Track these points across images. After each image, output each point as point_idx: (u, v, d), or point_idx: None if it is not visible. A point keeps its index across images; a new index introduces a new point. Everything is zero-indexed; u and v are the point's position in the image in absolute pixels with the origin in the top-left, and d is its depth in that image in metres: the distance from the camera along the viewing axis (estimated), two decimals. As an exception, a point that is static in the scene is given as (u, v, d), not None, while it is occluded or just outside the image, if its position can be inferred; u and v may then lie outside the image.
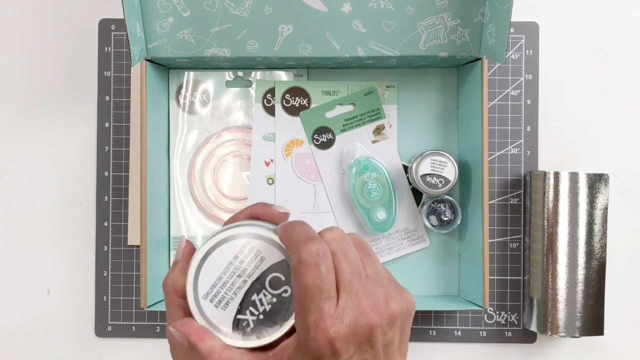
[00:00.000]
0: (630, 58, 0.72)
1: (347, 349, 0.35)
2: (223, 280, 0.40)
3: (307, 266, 0.36)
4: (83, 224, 0.72)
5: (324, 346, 0.35)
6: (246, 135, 0.71)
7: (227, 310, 0.40)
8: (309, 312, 0.35)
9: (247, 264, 0.40)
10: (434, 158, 0.67)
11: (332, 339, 0.35)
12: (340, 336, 0.35)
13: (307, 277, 0.35)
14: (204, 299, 0.40)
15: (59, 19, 0.72)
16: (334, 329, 0.35)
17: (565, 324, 0.66)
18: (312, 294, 0.35)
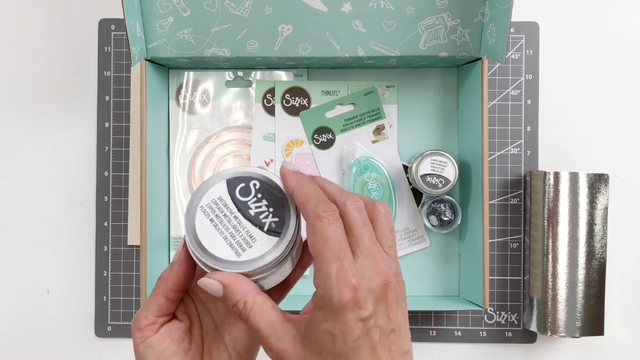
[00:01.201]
0: (630, 58, 0.72)
1: (367, 302, 0.36)
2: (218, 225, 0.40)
3: (326, 221, 0.37)
4: (83, 224, 0.71)
5: (346, 295, 0.35)
6: (246, 135, 0.71)
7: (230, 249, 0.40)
8: (330, 263, 0.36)
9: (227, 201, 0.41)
10: (434, 158, 0.67)
11: (355, 288, 0.35)
12: (362, 287, 0.36)
13: (326, 230, 0.36)
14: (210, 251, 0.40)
15: (59, 19, 0.72)
16: (356, 279, 0.36)
17: (565, 324, 0.66)
18: (333, 246, 0.36)
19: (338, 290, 0.35)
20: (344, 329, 0.36)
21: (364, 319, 0.36)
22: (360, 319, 0.36)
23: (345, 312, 0.36)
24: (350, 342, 0.36)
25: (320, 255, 0.36)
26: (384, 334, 0.37)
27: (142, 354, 0.42)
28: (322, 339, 0.36)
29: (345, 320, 0.36)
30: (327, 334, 0.36)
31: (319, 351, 0.37)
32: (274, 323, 0.38)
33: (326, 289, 0.36)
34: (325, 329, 0.36)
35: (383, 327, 0.37)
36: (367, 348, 0.36)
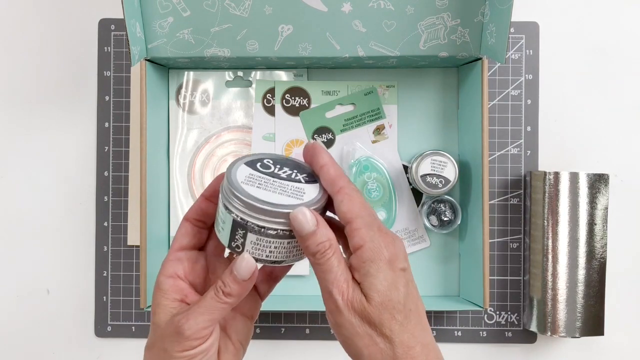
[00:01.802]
0: (630, 58, 0.72)
1: (403, 257, 0.42)
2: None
3: (358, 192, 0.42)
4: (83, 224, 0.71)
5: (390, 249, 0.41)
6: (246, 135, 0.71)
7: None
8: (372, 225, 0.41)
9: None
10: (434, 158, 0.67)
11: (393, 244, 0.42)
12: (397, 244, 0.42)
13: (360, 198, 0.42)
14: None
15: (59, 19, 0.72)
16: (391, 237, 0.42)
17: (565, 324, 0.66)
18: (369, 209, 0.42)
19: (386, 246, 0.41)
20: (396, 279, 0.41)
21: (404, 269, 0.42)
22: (402, 269, 0.41)
23: (394, 263, 0.41)
24: (402, 290, 0.41)
25: (360, 217, 0.41)
26: (416, 288, 0.43)
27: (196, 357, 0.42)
28: (386, 287, 0.41)
29: (395, 270, 0.41)
30: (386, 283, 0.41)
31: (382, 303, 0.41)
32: (347, 272, 0.42)
33: (374, 244, 0.41)
34: (384, 278, 0.41)
35: (414, 282, 0.43)
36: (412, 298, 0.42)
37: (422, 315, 0.42)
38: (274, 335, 0.71)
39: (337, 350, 0.71)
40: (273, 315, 0.71)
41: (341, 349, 0.71)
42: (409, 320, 0.41)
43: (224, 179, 0.43)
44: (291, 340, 0.71)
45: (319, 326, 0.71)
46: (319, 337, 0.71)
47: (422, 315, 0.43)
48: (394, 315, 0.41)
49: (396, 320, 0.41)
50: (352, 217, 0.41)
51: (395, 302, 0.41)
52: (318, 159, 0.43)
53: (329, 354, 0.71)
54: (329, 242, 0.41)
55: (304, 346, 0.71)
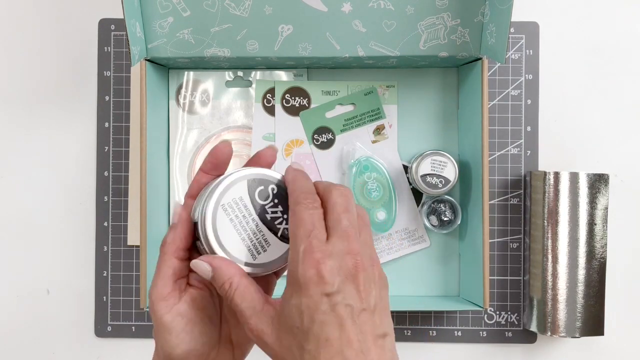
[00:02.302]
0: (630, 58, 0.72)
1: (333, 279, 0.36)
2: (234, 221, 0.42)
3: (304, 205, 0.39)
4: (83, 224, 0.71)
5: (310, 270, 0.36)
6: (246, 135, 0.71)
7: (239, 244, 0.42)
8: (300, 243, 0.37)
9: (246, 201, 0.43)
10: (434, 158, 0.67)
11: (318, 262, 0.36)
12: (327, 263, 0.37)
13: (302, 214, 0.38)
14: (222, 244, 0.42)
15: (59, 19, 0.72)
16: (321, 255, 0.37)
17: (565, 324, 0.66)
18: (305, 227, 0.38)
19: (302, 266, 0.37)
20: (309, 304, 0.36)
21: (329, 294, 0.36)
22: (325, 293, 0.36)
23: (310, 287, 0.36)
24: (317, 317, 0.36)
25: (293, 236, 0.38)
26: (354, 313, 0.37)
27: (169, 324, 0.42)
28: (292, 314, 0.37)
29: (311, 294, 0.36)
30: (295, 309, 0.37)
31: (290, 328, 0.37)
32: (255, 305, 0.39)
33: (292, 265, 0.37)
34: (293, 304, 0.37)
35: (353, 306, 0.37)
36: (335, 324, 0.36)
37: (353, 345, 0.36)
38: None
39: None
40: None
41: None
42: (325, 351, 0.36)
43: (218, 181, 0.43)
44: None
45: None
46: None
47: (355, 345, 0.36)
48: (303, 344, 0.37)
49: (306, 350, 0.36)
50: (290, 235, 0.39)
51: (302, 330, 0.36)
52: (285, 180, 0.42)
53: (329, 354, 0.71)
54: (228, 283, 0.40)
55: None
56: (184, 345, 0.42)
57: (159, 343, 0.43)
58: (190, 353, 0.43)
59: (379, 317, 0.38)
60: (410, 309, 0.65)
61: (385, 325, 0.38)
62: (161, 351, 0.43)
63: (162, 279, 0.43)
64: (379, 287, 0.39)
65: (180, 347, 0.42)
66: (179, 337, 0.42)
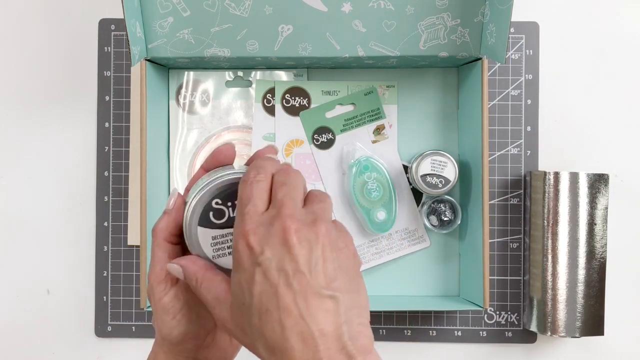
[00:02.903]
0: (630, 58, 0.72)
1: (260, 247, 0.36)
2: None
3: (246, 183, 0.39)
4: (83, 224, 0.71)
5: (241, 243, 0.37)
6: (246, 135, 0.71)
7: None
8: (237, 219, 0.38)
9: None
10: (434, 158, 0.67)
11: (246, 234, 0.36)
12: (255, 232, 0.37)
13: (242, 191, 0.39)
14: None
15: (59, 19, 0.72)
16: (250, 227, 0.37)
17: (565, 324, 0.66)
18: (243, 204, 0.38)
19: (235, 240, 0.37)
20: (246, 277, 0.36)
21: (259, 262, 0.36)
22: (256, 263, 0.36)
23: (243, 259, 0.36)
24: (254, 288, 0.36)
25: (237, 213, 0.39)
26: (288, 278, 0.35)
27: (167, 305, 0.43)
28: (236, 293, 0.37)
29: (245, 268, 0.36)
30: (237, 286, 0.37)
31: (239, 307, 0.37)
32: (218, 294, 0.40)
33: (234, 242, 0.38)
34: (235, 281, 0.37)
35: (286, 271, 0.35)
36: (270, 293, 0.35)
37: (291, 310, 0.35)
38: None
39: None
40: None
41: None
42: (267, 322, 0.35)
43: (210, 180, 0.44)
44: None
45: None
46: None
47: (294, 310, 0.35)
48: (250, 320, 0.36)
49: (253, 326, 0.36)
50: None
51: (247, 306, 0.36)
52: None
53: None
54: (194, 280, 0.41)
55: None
56: (181, 327, 0.43)
57: (157, 326, 0.44)
58: (187, 335, 0.44)
59: (323, 277, 0.35)
60: (410, 309, 0.65)
61: (335, 286, 0.36)
62: (159, 335, 0.44)
63: (159, 262, 0.44)
64: (322, 246, 0.36)
65: (178, 329, 0.43)
66: (175, 319, 0.43)
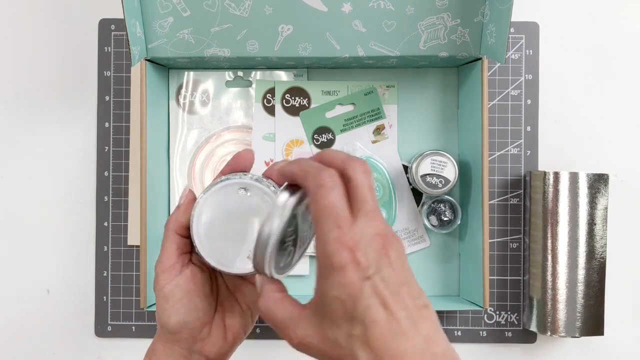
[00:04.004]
0: (630, 58, 0.72)
1: (368, 262, 0.36)
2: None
3: (325, 189, 0.37)
4: (83, 224, 0.71)
5: (346, 257, 0.36)
6: (246, 135, 0.71)
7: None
8: (329, 231, 0.36)
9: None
10: (434, 158, 0.67)
11: (352, 249, 0.36)
12: (360, 247, 0.36)
13: (325, 199, 0.37)
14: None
15: (59, 19, 0.72)
16: (353, 241, 0.36)
17: (565, 324, 0.66)
18: (332, 213, 0.37)
19: (337, 254, 0.36)
20: (350, 291, 0.36)
21: (368, 277, 0.36)
22: (364, 277, 0.36)
23: (347, 274, 0.36)
24: (360, 302, 0.36)
25: (320, 224, 0.37)
26: (394, 289, 0.36)
27: (168, 294, 0.46)
28: (333, 306, 0.37)
29: (350, 282, 0.36)
30: (336, 300, 0.36)
31: (333, 320, 0.37)
32: (289, 314, 0.40)
33: (326, 255, 0.36)
34: (333, 296, 0.36)
35: (390, 283, 0.36)
36: (379, 305, 0.36)
37: (401, 321, 0.36)
38: (274, 335, 0.71)
39: (337, 350, 0.71)
40: (273, 315, 0.71)
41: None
42: (374, 332, 0.36)
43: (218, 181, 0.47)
44: (291, 340, 0.71)
45: (319, 326, 0.71)
46: (319, 337, 0.71)
47: (403, 321, 0.36)
48: (350, 332, 0.36)
49: (354, 337, 0.36)
50: (315, 224, 0.38)
51: (346, 319, 0.36)
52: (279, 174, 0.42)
53: (329, 354, 0.71)
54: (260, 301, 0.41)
55: (304, 346, 0.71)
56: (178, 316, 0.46)
57: (157, 314, 0.47)
58: (183, 325, 0.46)
59: (415, 288, 0.38)
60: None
61: (423, 295, 0.38)
62: (159, 323, 0.47)
63: (166, 253, 0.46)
64: (405, 259, 0.38)
65: (175, 318, 0.46)
66: (174, 308, 0.45)
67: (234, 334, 0.48)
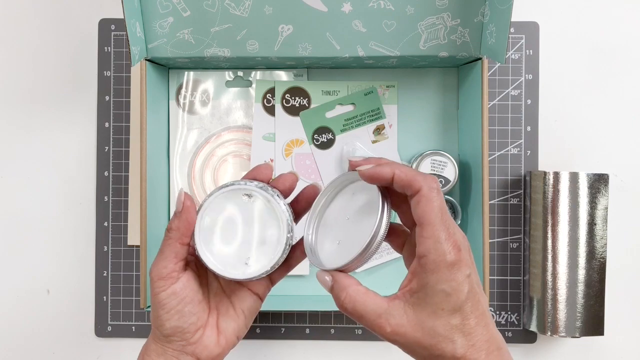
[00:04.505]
0: (630, 58, 0.72)
1: (468, 261, 0.42)
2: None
3: (437, 191, 0.42)
4: (83, 224, 0.71)
5: (456, 256, 0.41)
6: (246, 135, 0.71)
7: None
8: (441, 230, 0.41)
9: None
10: (434, 158, 0.67)
11: (459, 249, 0.41)
12: (463, 248, 0.42)
13: (438, 200, 0.42)
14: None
15: (59, 19, 0.72)
16: (458, 242, 0.42)
17: (565, 324, 0.66)
18: (444, 215, 0.42)
19: (449, 253, 0.41)
20: (455, 286, 0.41)
21: (469, 275, 0.42)
22: (466, 275, 0.41)
23: (454, 270, 0.41)
24: (462, 296, 0.41)
25: (432, 224, 0.41)
26: (479, 286, 0.43)
27: (163, 301, 0.47)
28: (438, 298, 0.41)
29: (456, 277, 0.41)
30: (441, 293, 0.41)
31: (435, 311, 0.41)
32: (379, 305, 0.43)
33: (438, 253, 0.41)
34: (440, 288, 0.41)
35: (477, 281, 0.43)
36: (473, 300, 0.42)
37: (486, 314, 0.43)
38: (274, 335, 0.71)
39: (337, 350, 0.71)
40: (273, 315, 0.71)
41: (340, 348, 0.71)
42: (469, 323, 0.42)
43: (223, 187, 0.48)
44: (291, 340, 0.71)
45: (319, 326, 0.71)
46: (319, 337, 0.71)
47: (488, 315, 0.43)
48: (449, 321, 0.42)
49: (452, 326, 0.42)
50: (422, 223, 0.42)
51: (449, 310, 0.41)
52: (382, 173, 0.44)
53: (329, 354, 0.71)
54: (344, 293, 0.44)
55: (304, 346, 0.71)
56: (172, 322, 0.47)
57: (152, 317, 0.48)
58: (176, 329, 0.47)
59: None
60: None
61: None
62: (153, 325, 0.48)
63: (163, 260, 0.47)
64: None
65: (169, 323, 0.47)
66: (169, 314, 0.47)
67: (227, 338, 0.49)
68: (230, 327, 0.49)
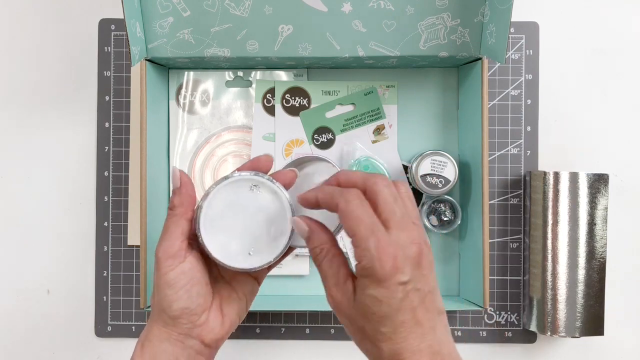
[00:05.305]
0: (630, 58, 0.72)
1: (405, 269, 0.41)
2: None
3: (353, 203, 0.42)
4: (83, 224, 0.71)
5: (387, 264, 0.40)
6: (246, 135, 0.71)
7: None
8: (367, 239, 0.41)
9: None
10: (434, 158, 0.67)
11: (394, 256, 0.41)
12: (400, 256, 0.41)
13: (356, 211, 0.42)
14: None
15: (59, 19, 0.72)
16: (393, 249, 0.41)
17: (565, 324, 0.66)
18: (367, 224, 0.41)
19: (380, 260, 0.40)
20: (387, 294, 0.41)
21: (404, 283, 0.41)
22: (400, 283, 0.41)
23: (388, 279, 0.40)
24: (393, 304, 0.41)
25: (357, 234, 0.41)
26: (422, 296, 0.42)
27: (172, 280, 0.46)
28: (368, 303, 0.41)
29: (389, 285, 0.41)
30: (372, 298, 0.41)
31: (365, 313, 0.42)
32: (339, 275, 0.44)
33: (368, 260, 0.41)
34: (370, 294, 0.41)
35: (420, 290, 0.42)
36: (408, 309, 0.41)
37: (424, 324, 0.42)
38: (274, 335, 0.71)
39: (337, 350, 0.71)
40: (273, 315, 0.71)
41: (340, 348, 0.71)
42: (400, 332, 0.41)
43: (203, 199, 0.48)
44: (291, 340, 0.71)
45: (319, 326, 0.71)
46: (319, 337, 0.71)
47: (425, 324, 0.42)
48: (378, 328, 0.42)
49: (381, 332, 0.41)
50: (350, 235, 0.42)
51: (379, 316, 0.41)
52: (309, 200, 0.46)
53: (329, 354, 0.71)
54: (320, 248, 0.44)
55: (304, 346, 0.71)
56: (181, 302, 0.46)
57: (157, 300, 0.47)
58: (184, 311, 0.47)
59: (437, 295, 0.43)
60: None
61: (441, 302, 0.44)
62: (157, 308, 0.47)
63: (170, 238, 0.47)
64: (433, 265, 0.43)
65: (178, 304, 0.46)
66: (177, 294, 0.46)
67: (230, 320, 0.50)
68: (233, 310, 0.50)
